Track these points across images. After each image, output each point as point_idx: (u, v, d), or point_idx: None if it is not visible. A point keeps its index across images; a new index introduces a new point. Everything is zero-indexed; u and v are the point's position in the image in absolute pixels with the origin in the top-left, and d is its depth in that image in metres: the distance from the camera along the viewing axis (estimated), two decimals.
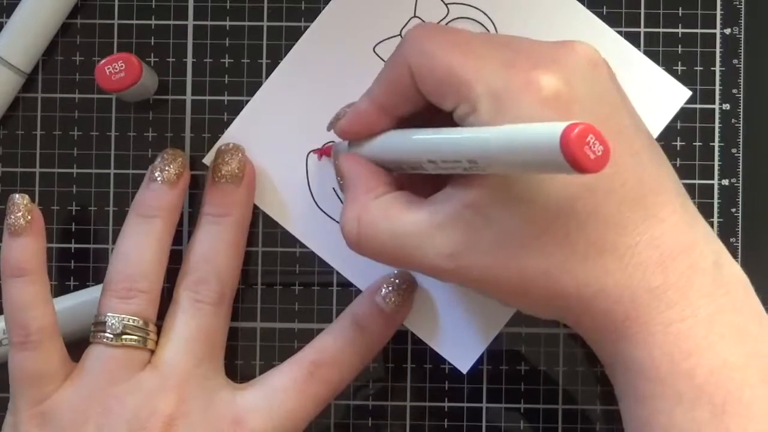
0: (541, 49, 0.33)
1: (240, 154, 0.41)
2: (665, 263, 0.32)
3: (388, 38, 0.42)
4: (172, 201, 0.40)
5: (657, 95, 0.42)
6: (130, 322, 0.38)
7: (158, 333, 0.39)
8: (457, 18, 0.42)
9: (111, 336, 0.38)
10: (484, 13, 0.42)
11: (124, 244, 0.39)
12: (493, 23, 0.42)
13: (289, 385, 0.39)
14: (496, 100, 0.31)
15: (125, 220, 0.40)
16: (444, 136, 0.32)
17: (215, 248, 0.40)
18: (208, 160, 0.42)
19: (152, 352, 0.39)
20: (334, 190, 0.42)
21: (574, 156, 0.26)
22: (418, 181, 0.36)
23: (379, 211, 0.35)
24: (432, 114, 0.34)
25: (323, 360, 0.40)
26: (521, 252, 0.32)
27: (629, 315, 0.32)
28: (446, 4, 0.42)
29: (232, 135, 0.42)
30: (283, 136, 0.42)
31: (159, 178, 0.40)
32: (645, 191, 0.32)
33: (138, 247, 0.39)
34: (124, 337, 0.38)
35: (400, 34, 0.42)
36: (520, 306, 0.35)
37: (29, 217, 0.37)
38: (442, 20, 0.42)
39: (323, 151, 0.42)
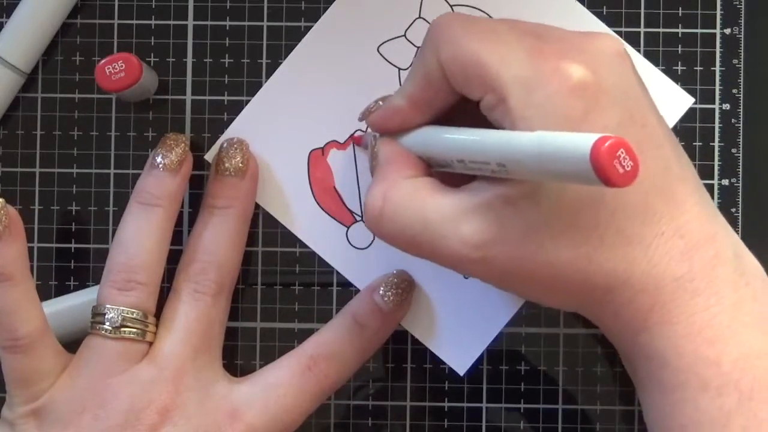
0: (568, 38, 0.33)
1: (244, 148, 0.41)
2: (690, 253, 0.32)
3: (393, 38, 0.42)
4: (173, 188, 0.40)
5: (660, 101, 0.42)
6: (130, 315, 0.38)
7: (157, 324, 0.39)
8: None
9: (110, 328, 0.38)
10: (488, 15, 0.42)
11: (124, 232, 0.39)
12: None
13: (287, 380, 0.39)
14: (523, 88, 0.31)
15: (126, 207, 0.40)
16: (476, 138, 0.32)
17: (216, 240, 0.40)
18: (210, 156, 0.42)
19: (150, 343, 0.39)
20: (335, 189, 0.42)
21: (604, 169, 0.26)
22: (447, 179, 0.36)
23: (407, 190, 0.34)
24: (466, 110, 0.34)
25: (321, 355, 0.40)
26: (550, 243, 0.31)
27: (654, 304, 0.32)
28: (450, 6, 0.42)
29: (233, 133, 0.42)
30: (284, 135, 0.42)
31: (160, 165, 0.40)
32: (670, 182, 0.32)
33: (138, 236, 0.39)
34: (122, 329, 0.38)
35: (404, 35, 0.42)
36: (543, 300, 0.35)
37: (6, 221, 0.36)
38: None
39: (355, 139, 0.42)
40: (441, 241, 0.33)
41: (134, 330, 0.38)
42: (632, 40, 0.42)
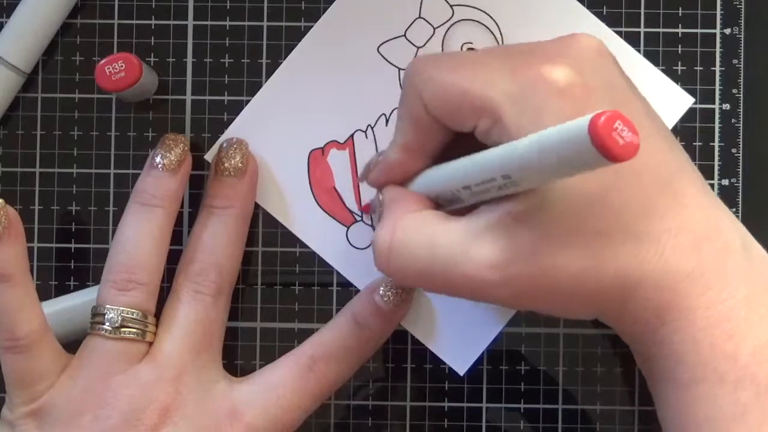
0: (545, 46, 0.33)
1: (244, 148, 0.41)
2: (699, 246, 0.32)
3: (393, 38, 0.42)
4: (173, 188, 0.40)
5: (659, 101, 0.42)
6: (129, 315, 0.38)
7: (157, 324, 0.39)
8: (462, 20, 0.42)
9: (109, 329, 0.38)
10: (488, 15, 0.42)
11: (123, 233, 0.39)
12: (497, 25, 0.42)
13: (287, 379, 0.39)
14: (514, 102, 0.31)
15: (126, 207, 0.40)
16: (475, 158, 0.32)
17: (216, 240, 0.40)
18: (210, 156, 0.42)
19: (150, 343, 0.39)
20: (335, 189, 0.42)
21: (604, 143, 0.26)
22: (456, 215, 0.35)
23: (415, 222, 0.34)
24: (460, 147, 0.34)
25: (321, 355, 0.40)
26: (562, 251, 0.31)
27: (669, 301, 0.32)
28: (451, 6, 0.42)
29: (233, 133, 0.42)
30: (284, 135, 0.42)
31: (160, 165, 0.40)
32: (670, 174, 0.32)
33: (137, 236, 0.39)
34: (122, 330, 0.38)
35: (404, 35, 0.42)
36: (564, 312, 0.35)
37: (5, 222, 0.36)
38: (446, 22, 0.42)
39: (363, 209, 0.42)
40: (454, 269, 0.32)
41: (134, 330, 0.38)
42: (632, 40, 0.42)
